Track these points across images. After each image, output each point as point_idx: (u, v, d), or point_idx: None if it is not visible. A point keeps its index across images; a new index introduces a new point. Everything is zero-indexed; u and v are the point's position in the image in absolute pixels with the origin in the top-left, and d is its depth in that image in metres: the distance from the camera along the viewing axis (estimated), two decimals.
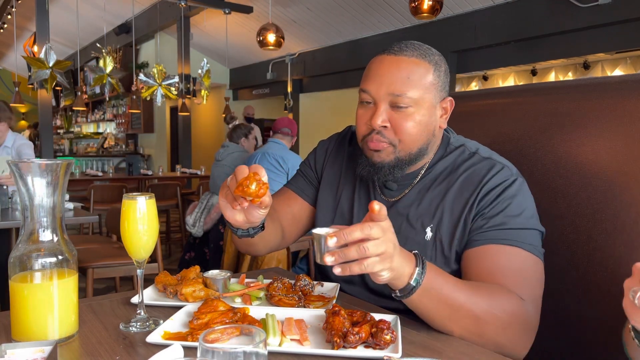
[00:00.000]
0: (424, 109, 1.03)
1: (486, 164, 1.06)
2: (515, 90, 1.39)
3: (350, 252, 0.75)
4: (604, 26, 4.59)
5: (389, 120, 1.02)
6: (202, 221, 3.75)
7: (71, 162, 0.87)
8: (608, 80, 1.19)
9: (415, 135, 1.03)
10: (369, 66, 1.06)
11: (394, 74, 1.01)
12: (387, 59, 1.03)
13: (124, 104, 11.74)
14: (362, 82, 1.06)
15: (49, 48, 4.96)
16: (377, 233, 0.75)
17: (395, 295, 0.84)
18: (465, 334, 0.87)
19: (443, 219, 1.04)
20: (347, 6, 6.31)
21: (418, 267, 0.82)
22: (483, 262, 0.97)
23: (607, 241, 1.07)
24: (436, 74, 1.04)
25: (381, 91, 1.01)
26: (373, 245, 0.75)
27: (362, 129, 1.06)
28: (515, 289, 0.92)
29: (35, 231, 0.82)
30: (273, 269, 1.37)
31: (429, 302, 0.85)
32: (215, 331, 0.55)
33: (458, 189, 1.05)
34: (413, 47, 1.04)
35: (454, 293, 0.86)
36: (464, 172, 1.06)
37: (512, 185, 1.01)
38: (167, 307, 1.01)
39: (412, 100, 1.00)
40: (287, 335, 0.82)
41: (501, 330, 0.88)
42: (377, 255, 0.75)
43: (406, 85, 1.00)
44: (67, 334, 0.83)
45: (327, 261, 0.75)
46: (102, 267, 2.67)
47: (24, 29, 9.81)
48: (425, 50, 1.04)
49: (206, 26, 8.04)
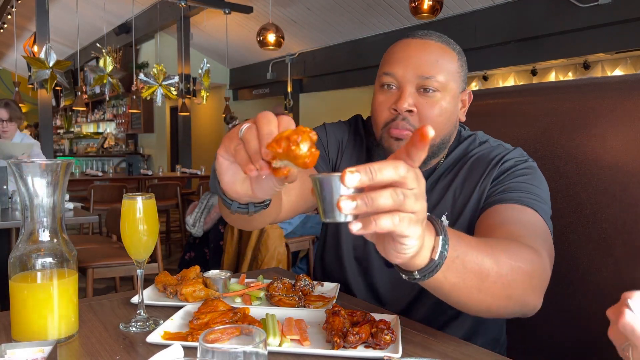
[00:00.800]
0: (450, 96, 0.99)
1: (498, 148, 1.05)
2: (515, 90, 1.39)
3: (381, 197, 0.51)
4: (604, 26, 4.59)
5: (415, 105, 0.97)
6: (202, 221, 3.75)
7: (71, 162, 0.87)
8: (608, 80, 1.19)
9: (441, 124, 0.99)
10: (392, 50, 1.02)
11: (423, 56, 0.97)
12: (413, 42, 1.00)
13: (124, 104, 11.74)
14: (385, 65, 1.01)
15: (49, 48, 4.96)
16: (413, 179, 0.53)
17: (411, 278, 0.66)
18: (494, 301, 0.75)
19: (456, 204, 1.02)
20: (347, 6, 6.31)
21: (441, 236, 0.63)
22: (494, 218, 0.90)
23: (607, 241, 1.07)
24: (459, 64, 1.02)
25: (408, 73, 0.97)
26: (412, 195, 0.53)
27: (384, 115, 1.00)
28: (527, 240, 0.82)
29: (35, 231, 0.82)
30: (273, 269, 1.37)
31: (454, 276, 0.68)
32: (215, 331, 0.55)
33: (467, 170, 1.03)
34: (437, 35, 1.02)
35: (479, 257, 0.71)
36: (473, 156, 1.05)
37: (527, 162, 1.00)
38: (167, 307, 1.01)
39: (440, 84, 0.97)
40: (287, 335, 0.82)
41: (528, 286, 0.78)
42: (412, 212, 0.53)
43: (435, 68, 0.96)
44: (67, 334, 0.83)
45: (344, 208, 0.51)
46: (102, 267, 2.67)
47: (24, 29, 9.81)
48: (448, 39, 1.03)
49: (206, 26, 8.04)
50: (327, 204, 0.53)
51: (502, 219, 0.89)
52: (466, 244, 0.69)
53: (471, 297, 0.72)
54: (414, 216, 0.53)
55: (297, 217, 3.29)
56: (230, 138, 0.64)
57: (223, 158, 0.65)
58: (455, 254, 0.66)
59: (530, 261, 0.78)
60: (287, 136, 0.54)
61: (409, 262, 0.62)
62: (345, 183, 0.50)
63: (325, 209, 0.54)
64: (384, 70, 1.00)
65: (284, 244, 3.08)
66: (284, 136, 0.54)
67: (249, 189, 0.67)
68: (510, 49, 5.48)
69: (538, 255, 0.80)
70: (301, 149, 0.54)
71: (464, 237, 0.71)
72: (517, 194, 0.93)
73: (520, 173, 0.97)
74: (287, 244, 3.10)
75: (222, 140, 0.65)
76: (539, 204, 0.91)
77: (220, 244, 3.61)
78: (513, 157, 1.00)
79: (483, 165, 1.02)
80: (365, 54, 7.05)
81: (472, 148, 1.07)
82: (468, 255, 0.69)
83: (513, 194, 0.93)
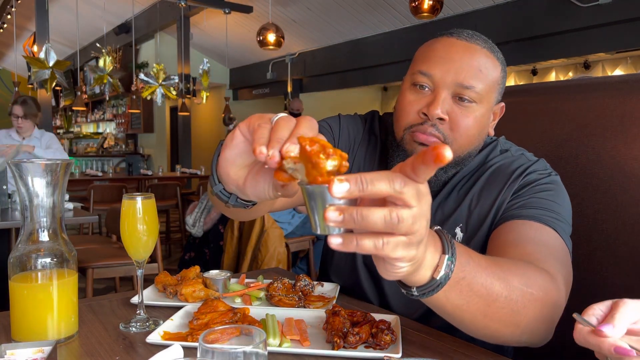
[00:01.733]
0: (485, 108, 0.92)
1: (520, 158, 0.98)
2: (515, 90, 1.39)
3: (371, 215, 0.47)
4: (604, 26, 4.59)
5: (448, 112, 0.89)
6: (202, 221, 3.75)
7: (71, 162, 0.87)
8: (608, 80, 1.19)
9: (473, 135, 0.92)
10: (431, 47, 0.93)
11: (466, 61, 0.89)
12: (458, 43, 0.91)
13: (123, 104, 11.74)
14: (421, 63, 0.92)
15: (49, 48, 4.96)
16: (412, 197, 0.47)
17: (409, 294, 0.62)
18: (500, 328, 0.70)
19: (472, 215, 0.95)
20: (347, 6, 6.31)
21: (447, 255, 0.59)
22: (509, 235, 0.84)
23: (607, 241, 1.07)
24: (502, 75, 0.95)
25: (448, 77, 0.88)
26: (408, 215, 0.47)
27: (411, 117, 0.92)
28: (544, 263, 0.76)
29: (35, 231, 0.82)
30: (273, 269, 1.37)
31: (458, 297, 0.63)
32: (215, 331, 0.55)
33: (486, 180, 0.97)
34: (482, 39, 0.94)
35: (489, 279, 0.65)
36: (493, 165, 0.98)
37: (551, 176, 0.94)
38: (167, 307, 1.01)
39: (478, 95, 0.90)
40: (287, 335, 0.82)
41: (539, 315, 0.72)
42: (405, 234, 0.49)
43: (477, 77, 0.89)
44: (67, 334, 0.83)
45: (329, 218, 0.47)
46: (102, 267, 2.67)
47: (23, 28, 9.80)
48: (493, 46, 0.95)
49: (206, 26, 8.04)
50: (316, 215, 0.49)
51: (518, 236, 0.84)
52: (476, 265, 0.64)
53: (475, 321, 0.68)
54: (407, 239, 0.49)
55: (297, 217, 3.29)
56: (260, 116, 0.57)
57: (240, 132, 0.59)
58: (462, 275, 0.61)
59: (543, 288, 0.72)
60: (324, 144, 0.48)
61: (406, 278, 0.58)
62: (332, 192, 0.45)
63: (314, 220, 0.50)
64: (419, 68, 0.91)
65: (284, 244, 3.08)
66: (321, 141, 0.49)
67: (241, 179, 0.60)
68: (510, 49, 5.48)
69: (554, 282, 0.75)
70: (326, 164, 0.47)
71: (475, 256, 0.66)
72: (536, 210, 0.87)
73: (542, 188, 0.91)
74: (287, 244, 3.10)
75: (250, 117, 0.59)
76: (559, 223, 0.86)
77: (220, 244, 3.61)
78: (536, 170, 0.94)
79: (504, 177, 0.95)
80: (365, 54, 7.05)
81: (493, 156, 1.01)
82: (477, 277, 0.64)
83: (532, 211, 0.87)
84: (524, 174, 0.94)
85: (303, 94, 8.62)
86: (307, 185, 0.49)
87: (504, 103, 1.00)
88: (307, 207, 0.50)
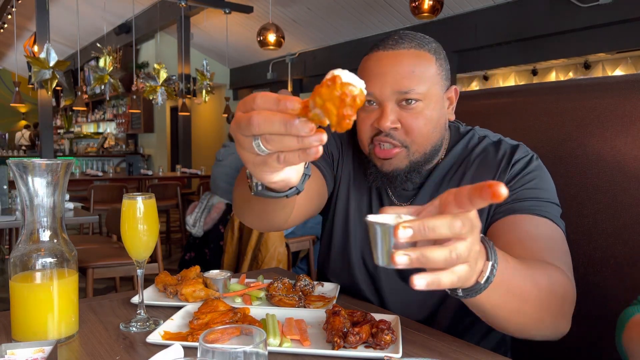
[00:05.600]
0: (433, 102, 0.96)
1: (502, 145, 1.02)
2: (515, 90, 1.39)
3: (435, 254, 0.52)
4: (604, 26, 4.59)
5: (398, 120, 0.94)
6: (202, 221, 3.75)
7: (71, 162, 0.87)
8: (609, 80, 1.19)
9: (428, 134, 0.96)
10: (365, 66, 0.98)
11: (397, 69, 0.93)
12: (384, 55, 0.95)
13: (124, 103, 11.74)
14: None
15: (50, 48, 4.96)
16: (468, 232, 0.53)
17: (454, 294, 0.66)
18: (530, 323, 0.75)
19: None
20: (347, 6, 6.31)
21: (491, 261, 0.63)
22: (511, 233, 0.89)
23: (607, 241, 1.07)
24: (438, 63, 0.97)
25: (386, 90, 0.93)
26: (464, 248, 0.54)
27: (368, 132, 0.98)
28: (554, 259, 0.83)
29: (35, 231, 0.82)
30: (273, 269, 1.37)
31: (497, 297, 0.67)
32: (215, 331, 0.55)
33: (475, 172, 1.01)
34: (409, 38, 0.97)
35: (522, 280, 0.71)
36: (478, 155, 1.02)
37: (533, 161, 0.98)
38: (167, 307, 1.01)
39: (420, 94, 0.93)
40: (287, 335, 0.82)
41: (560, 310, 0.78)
42: (466, 262, 0.55)
43: (412, 79, 0.93)
44: (67, 334, 0.83)
45: (398, 262, 0.51)
46: (102, 267, 2.67)
47: (24, 28, 9.81)
48: (421, 39, 0.98)
49: (206, 26, 8.04)
50: (380, 251, 0.55)
51: (521, 234, 0.88)
52: (512, 268, 0.69)
53: (510, 318, 0.73)
54: (467, 265, 0.56)
55: None
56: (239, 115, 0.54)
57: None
58: (501, 278, 0.65)
59: (563, 285, 0.78)
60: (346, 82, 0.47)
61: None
62: (397, 237, 0.51)
63: (379, 255, 0.55)
64: None
65: (284, 244, 3.08)
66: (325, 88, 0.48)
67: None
68: (510, 49, 5.48)
69: (567, 278, 0.81)
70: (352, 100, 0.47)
71: (510, 259, 0.70)
72: (531, 202, 0.91)
73: (530, 177, 0.95)
74: (287, 244, 3.10)
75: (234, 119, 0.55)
76: (552, 211, 0.91)
77: (221, 244, 3.61)
78: (521, 158, 0.98)
79: (492, 167, 0.99)
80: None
81: (472, 144, 1.05)
82: (513, 280, 0.68)
83: (527, 203, 0.91)
84: (510, 165, 0.97)
85: (303, 94, 8.62)
86: (373, 221, 0.55)
87: (455, 86, 1.03)
88: (372, 241, 0.55)
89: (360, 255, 1.10)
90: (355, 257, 1.10)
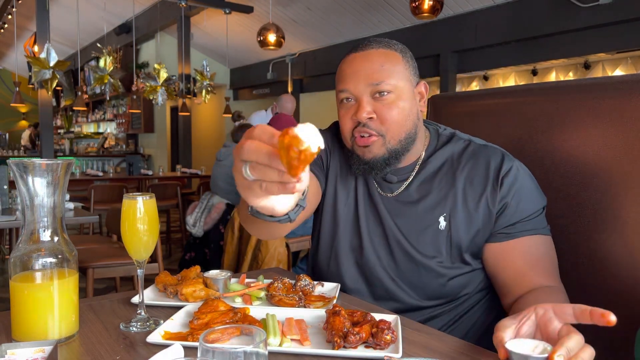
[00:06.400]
0: (404, 94, 1.06)
1: (487, 152, 1.10)
2: (516, 90, 1.39)
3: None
4: (604, 26, 4.58)
5: (373, 111, 1.05)
6: (202, 221, 3.75)
7: (71, 162, 0.87)
8: (609, 80, 1.19)
9: (401, 122, 1.05)
10: (341, 68, 1.10)
11: (368, 66, 1.05)
12: (357, 56, 1.07)
13: (124, 103, 11.74)
14: (338, 83, 1.09)
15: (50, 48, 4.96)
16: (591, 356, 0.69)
17: None
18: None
19: (457, 207, 1.07)
20: (347, 6, 6.31)
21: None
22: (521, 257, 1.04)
23: (607, 241, 1.07)
24: (405, 60, 1.08)
25: (360, 85, 1.04)
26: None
27: (348, 125, 1.08)
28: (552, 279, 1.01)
29: (35, 231, 0.82)
30: (273, 269, 1.37)
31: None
32: (215, 331, 0.55)
33: (467, 177, 1.08)
34: (376, 41, 1.09)
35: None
36: (468, 161, 1.10)
37: (519, 170, 1.07)
38: (168, 307, 1.01)
39: (391, 86, 1.04)
40: (287, 335, 0.82)
41: None
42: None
43: (382, 73, 1.04)
44: (68, 334, 0.83)
45: None
46: (103, 267, 2.67)
47: (24, 28, 9.81)
48: (388, 42, 1.09)
49: (206, 26, 8.04)
50: None
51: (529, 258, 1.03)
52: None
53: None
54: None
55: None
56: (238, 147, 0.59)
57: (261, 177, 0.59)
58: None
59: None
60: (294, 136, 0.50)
61: None
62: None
63: None
64: (339, 88, 1.09)
65: (284, 244, 3.08)
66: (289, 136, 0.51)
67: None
68: (510, 49, 5.48)
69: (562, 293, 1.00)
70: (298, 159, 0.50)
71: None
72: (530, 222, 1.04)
73: (519, 187, 1.05)
74: (287, 244, 3.10)
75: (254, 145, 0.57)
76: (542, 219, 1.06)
77: (221, 244, 3.61)
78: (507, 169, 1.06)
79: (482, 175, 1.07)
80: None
81: (459, 149, 1.13)
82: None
83: (528, 223, 1.04)
84: (500, 177, 1.06)
85: (303, 94, 8.62)
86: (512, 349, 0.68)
87: (424, 82, 1.12)
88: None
89: (348, 247, 1.16)
90: (343, 249, 1.17)
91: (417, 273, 1.09)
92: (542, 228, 1.05)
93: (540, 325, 0.75)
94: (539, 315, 0.75)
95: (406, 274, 1.10)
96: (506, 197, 1.05)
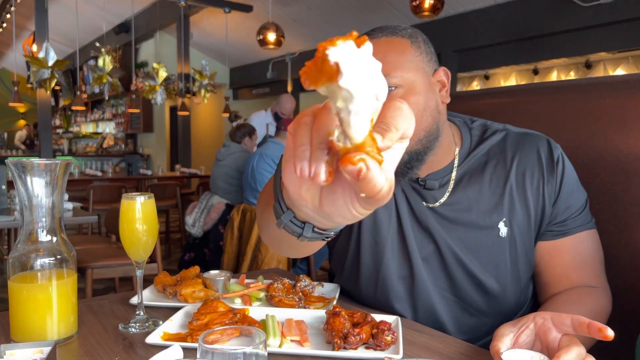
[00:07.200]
0: (417, 86, 0.90)
1: (533, 139, 0.99)
2: (516, 89, 1.39)
3: None
4: (606, 25, 4.58)
5: None
6: (201, 221, 3.75)
7: (70, 161, 0.87)
8: (610, 79, 1.19)
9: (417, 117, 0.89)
10: None
11: None
12: None
13: (123, 103, 11.73)
14: None
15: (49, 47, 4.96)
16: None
17: None
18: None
19: (516, 209, 0.96)
20: (347, 5, 6.31)
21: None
22: (566, 256, 0.98)
23: (608, 241, 1.07)
24: (415, 46, 0.92)
25: None
26: None
27: None
28: (595, 278, 0.96)
29: (34, 231, 0.82)
30: (273, 270, 1.36)
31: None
32: (215, 332, 0.55)
33: (519, 173, 0.97)
34: (380, 30, 0.94)
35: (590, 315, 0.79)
36: (515, 153, 0.98)
37: (566, 158, 0.99)
38: (167, 307, 1.01)
39: (399, 78, 0.88)
40: (287, 336, 0.82)
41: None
42: None
43: (386, 65, 0.85)
44: (66, 335, 0.83)
45: None
46: (101, 267, 2.67)
47: (23, 28, 9.80)
48: (394, 28, 0.94)
49: (206, 25, 8.03)
50: None
51: (577, 256, 0.97)
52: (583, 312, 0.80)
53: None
54: None
55: None
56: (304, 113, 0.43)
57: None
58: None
59: (604, 307, 0.94)
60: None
61: None
62: None
63: None
64: None
65: None
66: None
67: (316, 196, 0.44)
68: (511, 48, 5.48)
69: (605, 295, 0.97)
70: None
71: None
72: (580, 217, 0.98)
73: (568, 176, 0.97)
74: None
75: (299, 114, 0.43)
76: (586, 217, 0.99)
77: (220, 244, 3.61)
78: (558, 156, 0.97)
79: (534, 166, 0.97)
80: None
81: (498, 141, 1.01)
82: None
83: (577, 219, 0.98)
84: (554, 164, 0.97)
85: (304, 94, 8.61)
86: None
87: (444, 68, 0.96)
88: None
89: (397, 276, 1.00)
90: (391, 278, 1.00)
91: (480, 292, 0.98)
92: (588, 222, 0.98)
93: (539, 334, 0.73)
94: (538, 325, 0.73)
95: (471, 297, 0.98)
96: (560, 187, 0.96)
